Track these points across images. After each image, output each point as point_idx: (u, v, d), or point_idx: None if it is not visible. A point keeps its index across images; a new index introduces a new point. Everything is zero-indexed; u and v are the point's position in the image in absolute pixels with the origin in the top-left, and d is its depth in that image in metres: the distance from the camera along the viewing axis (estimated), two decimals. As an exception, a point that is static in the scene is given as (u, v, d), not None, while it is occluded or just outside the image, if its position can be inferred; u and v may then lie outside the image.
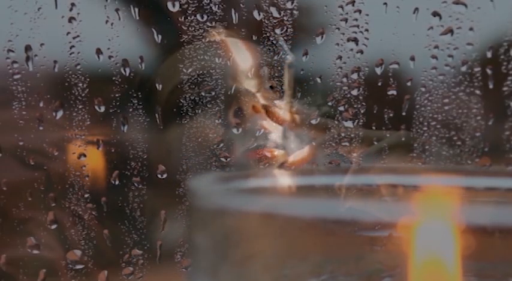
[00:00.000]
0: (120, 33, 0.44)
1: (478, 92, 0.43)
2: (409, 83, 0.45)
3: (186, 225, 0.46)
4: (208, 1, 0.45)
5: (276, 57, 0.48)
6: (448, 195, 0.38)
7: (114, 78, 0.45)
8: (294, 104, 0.48)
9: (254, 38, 0.47)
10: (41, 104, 0.44)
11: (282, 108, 0.48)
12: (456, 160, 0.44)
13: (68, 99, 0.44)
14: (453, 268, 0.29)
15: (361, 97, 0.45)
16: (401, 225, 0.29)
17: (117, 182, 0.46)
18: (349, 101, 0.45)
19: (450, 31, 0.43)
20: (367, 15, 0.44)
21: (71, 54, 0.44)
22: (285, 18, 0.45)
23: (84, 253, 0.45)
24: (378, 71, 0.45)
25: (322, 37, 0.45)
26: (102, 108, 0.45)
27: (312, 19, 0.46)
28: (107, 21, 0.44)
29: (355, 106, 0.45)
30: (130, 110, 0.46)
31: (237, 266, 0.33)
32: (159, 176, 0.46)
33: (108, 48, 0.44)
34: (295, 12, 0.45)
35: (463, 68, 0.43)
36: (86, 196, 0.45)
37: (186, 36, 0.46)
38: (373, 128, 0.46)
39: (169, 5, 0.45)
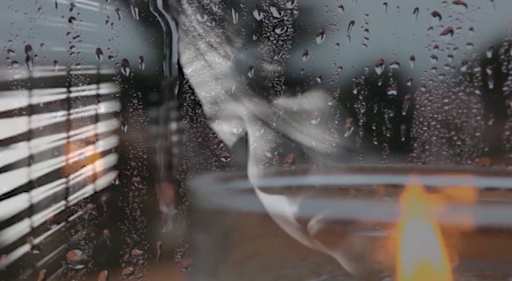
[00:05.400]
0: (120, 33, 0.44)
1: (478, 92, 0.43)
2: (409, 83, 0.45)
3: (186, 225, 0.46)
4: (208, 1, 0.45)
5: (276, 57, 0.48)
6: (448, 195, 0.38)
7: (114, 78, 0.45)
8: (294, 104, 0.48)
9: (254, 38, 0.47)
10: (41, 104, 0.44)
11: (282, 108, 0.48)
12: (456, 160, 0.44)
13: (68, 99, 0.44)
14: (452, 269, 0.29)
15: (361, 97, 0.45)
16: (401, 225, 0.29)
17: (117, 182, 0.46)
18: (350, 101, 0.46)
19: (450, 31, 0.43)
20: (367, 15, 0.44)
21: (71, 54, 0.44)
22: (285, 18, 0.45)
23: (84, 253, 0.45)
24: (378, 71, 0.45)
25: (322, 37, 0.45)
26: (102, 109, 0.45)
27: (312, 19, 0.46)
28: (107, 21, 0.44)
29: (355, 106, 0.45)
30: (131, 110, 0.46)
31: (237, 266, 0.33)
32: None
33: (108, 48, 0.44)
34: (295, 12, 0.45)
35: (463, 68, 0.43)
36: (86, 196, 0.45)
37: (186, 36, 0.46)
38: (373, 128, 0.46)
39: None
